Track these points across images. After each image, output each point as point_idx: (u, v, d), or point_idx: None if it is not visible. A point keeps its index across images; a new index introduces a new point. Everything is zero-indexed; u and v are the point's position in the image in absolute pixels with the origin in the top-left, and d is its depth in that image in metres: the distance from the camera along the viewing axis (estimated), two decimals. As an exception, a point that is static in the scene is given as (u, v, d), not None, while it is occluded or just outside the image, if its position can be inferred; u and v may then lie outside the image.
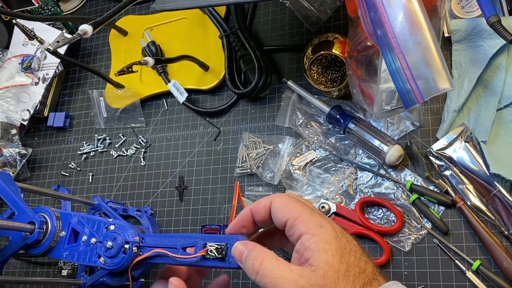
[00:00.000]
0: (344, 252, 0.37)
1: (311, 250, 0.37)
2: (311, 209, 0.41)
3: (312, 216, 0.40)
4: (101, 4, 1.03)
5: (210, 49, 0.86)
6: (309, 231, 0.39)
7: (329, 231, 0.38)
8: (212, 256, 0.42)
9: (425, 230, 0.65)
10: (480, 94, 0.66)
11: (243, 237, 0.42)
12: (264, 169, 0.76)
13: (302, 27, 0.82)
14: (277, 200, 0.42)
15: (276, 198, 0.42)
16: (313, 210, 0.41)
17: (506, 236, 0.61)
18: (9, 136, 0.93)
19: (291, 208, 0.41)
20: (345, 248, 0.38)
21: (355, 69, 0.65)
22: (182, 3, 0.65)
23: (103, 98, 0.91)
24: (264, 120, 0.80)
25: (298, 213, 0.40)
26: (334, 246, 0.37)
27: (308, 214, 0.40)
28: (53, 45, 0.69)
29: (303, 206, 0.41)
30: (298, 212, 0.40)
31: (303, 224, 0.39)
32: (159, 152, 0.86)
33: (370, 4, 0.52)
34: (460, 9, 0.69)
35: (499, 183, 0.61)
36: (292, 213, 0.40)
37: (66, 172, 0.92)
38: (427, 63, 0.49)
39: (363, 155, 0.72)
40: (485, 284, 0.60)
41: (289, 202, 0.42)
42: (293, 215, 0.40)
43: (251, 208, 0.44)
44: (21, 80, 0.92)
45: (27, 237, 0.55)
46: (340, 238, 0.38)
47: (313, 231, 0.38)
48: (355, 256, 0.38)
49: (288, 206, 0.41)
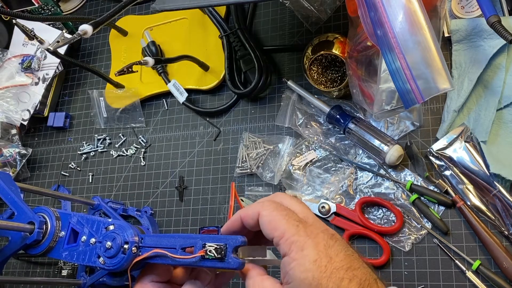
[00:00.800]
0: (323, 277, 0.37)
1: (290, 276, 0.38)
2: (296, 225, 0.40)
3: (295, 235, 0.39)
4: (101, 4, 1.03)
5: (210, 49, 0.86)
6: (290, 254, 0.39)
7: (309, 255, 0.38)
8: (211, 256, 0.42)
9: (425, 230, 0.65)
10: (480, 94, 0.66)
11: (242, 237, 0.42)
12: (264, 169, 0.76)
13: (302, 27, 0.82)
14: (264, 214, 0.42)
15: (263, 212, 0.42)
16: (299, 226, 0.40)
17: (506, 236, 0.61)
18: (9, 136, 0.93)
19: (276, 225, 0.40)
20: (325, 272, 0.38)
21: (355, 69, 0.65)
22: (182, 3, 0.65)
23: (103, 98, 0.91)
24: (264, 120, 0.80)
25: (282, 232, 0.40)
26: (312, 273, 0.37)
27: (292, 233, 0.40)
28: (53, 45, 0.69)
29: (289, 222, 0.40)
30: (282, 231, 0.40)
31: (285, 245, 0.39)
32: (159, 152, 0.86)
33: (370, 4, 0.52)
34: (460, 9, 0.69)
35: (499, 183, 0.61)
36: (277, 232, 0.40)
37: (66, 172, 0.92)
38: (427, 63, 0.49)
39: (363, 155, 0.71)
40: (485, 284, 0.60)
41: (274, 218, 0.41)
42: (277, 234, 0.40)
43: (241, 215, 0.44)
44: (21, 80, 0.92)
45: (27, 237, 0.55)
46: (321, 259, 0.38)
47: (293, 255, 0.39)
48: (335, 280, 0.37)
49: (274, 223, 0.41)
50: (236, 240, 0.42)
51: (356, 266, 0.39)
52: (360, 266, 0.39)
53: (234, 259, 0.41)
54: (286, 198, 0.45)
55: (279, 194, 0.46)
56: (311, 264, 0.38)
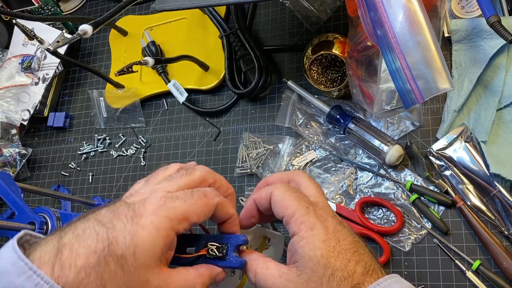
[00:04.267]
0: (331, 256, 0.38)
1: (298, 254, 0.39)
2: (306, 206, 0.41)
3: (305, 215, 0.40)
4: (101, 4, 1.03)
5: (210, 49, 0.86)
6: (299, 233, 0.39)
7: (318, 234, 0.39)
8: (213, 255, 0.42)
9: (425, 230, 0.65)
10: (480, 94, 0.66)
11: (243, 236, 0.42)
12: (264, 169, 0.76)
13: (302, 27, 0.82)
14: (276, 193, 0.42)
15: (276, 191, 0.43)
16: (309, 208, 0.41)
17: (506, 236, 0.61)
18: (9, 136, 0.93)
19: (287, 204, 0.41)
20: (333, 252, 0.38)
21: (355, 69, 0.65)
22: (182, 3, 0.65)
23: (103, 98, 0.91)
24: (264, 120, 0.80)
25: (293, 211, 0.40)
26: (320, 251, 0.38)
27: (302, 213, 0.40)
28: (53, 45, 0.69)
29: (300, 203, 0.41)
30: (293, 210, 0.40)
31: (295, 224, 0.40)
32: (159, 152, 0.86)
33: (370, 4, 0.52)
34: (460, 9, 0.69)
35: (499, 183, 0.61)
36: (287, 210, 0.41)
37: (66, 172, 0.92)
38: (427, 63, 0.49)
39: (363, 155, 0.72)
40: (485, 284, 0.60)
41: (287, 198, 0.42)
42: (288, 212, 0.41)
43: (254, 198, 0.45)
44: (21, 80, 0.92)
45: (27, 237, 0.55)
46: (330, 240, 0.39)
47: (303, 233, 0.39)
48: (342, 260, 0.38)
49: (285, 202, 0.41)
50: (237, 239, 0.42)
51: (362, 252, 0.40)
52: (366, 252, 0.40)
53: (235, 257, 0.41)
54: (303, 178, 0.45)
55: (297, 173, 0.46)
56: (320, 243, 0.39)
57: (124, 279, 0.34)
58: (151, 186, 0.41)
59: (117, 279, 0.34)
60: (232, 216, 0.43)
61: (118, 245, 0.35)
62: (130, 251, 0.35)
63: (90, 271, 0.33)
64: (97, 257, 0.34)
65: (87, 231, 0.35)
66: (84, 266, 0.33)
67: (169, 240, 0.37)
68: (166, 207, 0.37)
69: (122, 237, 0.35)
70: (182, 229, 0.38)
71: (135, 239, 0.35)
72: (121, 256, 0.34)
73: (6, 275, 0.32)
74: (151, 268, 0.36)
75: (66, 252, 0.34)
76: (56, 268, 0.33)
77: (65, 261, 0.33)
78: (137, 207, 0.38)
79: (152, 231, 0.36)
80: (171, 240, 0.38)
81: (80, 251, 0.34)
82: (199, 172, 0.42)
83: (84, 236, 0.35)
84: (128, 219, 0.36)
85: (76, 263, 0.33)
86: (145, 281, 0.36)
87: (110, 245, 0.34)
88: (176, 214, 0.38)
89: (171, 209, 0.38)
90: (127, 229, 0.35)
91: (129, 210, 0.37)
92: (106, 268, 0.34)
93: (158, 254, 0.36)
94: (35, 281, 0.32)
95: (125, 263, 0.34)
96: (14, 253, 0.33)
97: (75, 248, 0.34)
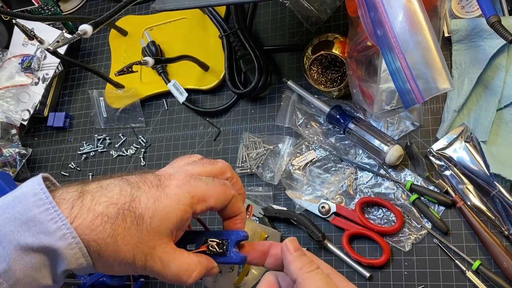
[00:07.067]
0: None
1: None
2: None
3: None
4: (101, 4, 1.03)
5: (210, 49, 0.86)
6: None
7: None
8: (213, 251, 0.42)
9: (425, 230, 0.65)
10: (480, 94, 0.66)
11: (244, 232, 0.42)
12: (264, 169, 0.76)
13: (302, 27, 0.82)
14: None
15: None
16: None
17: (506, 236, 0.61)
18: (9, 136, 0.93)
19: None
20: None
21: (355, 69, 0.65)
22: (182, 3, 0.65)
23: (103, 98, 0.91)
24: (264, 120, 0.80)
25: None
26: None
27: None
28: (53, 45, 0.69)
29: None
30: None
31: None
32: (159, 152, 0.86)
33: (370, 4, 0.52)
34: (460, 9, 0.69)
35: (499, 183, 0.61)
36: None
37: (66, 172, 0.92)
38: (427, 63, 0.49)
39: (363, 155, 0.71)
40: (485, 284, 0.60)
41: None
42: None
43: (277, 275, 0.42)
44: (21, 80, 0.92)
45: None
46: None
47: None
48: None
49: None
50: (238, 235, 0.42)
51: None
52: None
53: (236, 253, 0.41)
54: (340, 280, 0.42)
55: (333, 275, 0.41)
56: None
57: (135, 238, 0.36)
58: (176, 168, 0.43)
59: (129, 236, 0.35)
60: (241, 213, 0.44)
61: (140, 204, 0.36)
62: (149, 213, 0.36)
63: (106, 220, 0.35)
64: (117, 209, 0.35)
65: (112, 185, 0.37)
66: (102, 214, 0.35)
67: (185, 217, 0.39)
68: (190, 184, 0.39)
69: (145, 198, 0.37)
70: (199, 209, 0.40)
71: (157, 204, 0.37)
72: (139, 215, 0.36)
73: (24, 202, 0.34)
74: (162, 237, 0.37)
75: (88, 197, 0.35)
76: (74, 209, 0.34)
77: (85, 204, 0.35)
78: (163, 178, 0.40)
79: (173, 202, 0.38)
80: (187, 218, 0.39)
81: (102, 200, 0.35)
82: (221, 164, 0.44)
83: (108, 187, 0.37)
84: (154, 186, 0.38)
85: (95, 208, 0.35)
86: (152, 247, 0.37)
87: (132, 202, 0.36)
88: (198, 193, 0.39)
89: (194, 187, 0.39)
90: (151, 193, 0.37)
91: (155, 179, 0.39)
92: (122, 222, 0.35)
93: (172, 225, 0.38)
94: (51, 215, 0.33)
95: (141, 223, 0.36)
96: (38, 185, 0.35)
97: (97, 196, 0.35)
